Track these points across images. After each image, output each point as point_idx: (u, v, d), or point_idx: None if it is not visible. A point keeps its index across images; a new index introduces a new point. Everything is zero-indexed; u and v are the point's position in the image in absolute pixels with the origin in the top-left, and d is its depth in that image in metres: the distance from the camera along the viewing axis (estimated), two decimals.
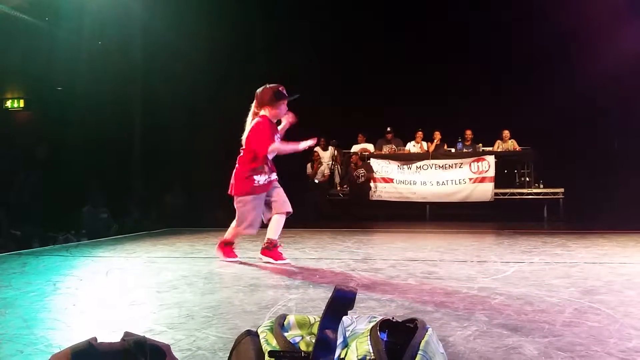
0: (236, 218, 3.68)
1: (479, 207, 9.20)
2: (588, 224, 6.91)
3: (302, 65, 9.96)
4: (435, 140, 10.19)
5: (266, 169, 3.64)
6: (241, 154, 3.70)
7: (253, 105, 3.71)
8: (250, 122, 3.68)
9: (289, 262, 3.61)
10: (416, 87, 10.55)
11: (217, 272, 3.24)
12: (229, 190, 3.70)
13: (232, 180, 3.69)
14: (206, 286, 2.76)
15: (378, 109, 10.65)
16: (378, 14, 10.90)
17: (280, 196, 3.69)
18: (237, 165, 3.70)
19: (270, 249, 3.64)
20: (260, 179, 3.61)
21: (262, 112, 3.65)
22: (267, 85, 3.66)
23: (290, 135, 3.84)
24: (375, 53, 10.91)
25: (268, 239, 3.66)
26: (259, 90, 3.67)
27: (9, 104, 11.53)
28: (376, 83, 10.65)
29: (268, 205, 3.69)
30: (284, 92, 3.66)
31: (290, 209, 3.70)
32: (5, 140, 9.32)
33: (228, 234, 3.78)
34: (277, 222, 3.66)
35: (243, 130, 3.73)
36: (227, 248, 3.82)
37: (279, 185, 3.74)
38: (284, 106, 3.67)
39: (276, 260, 3.61)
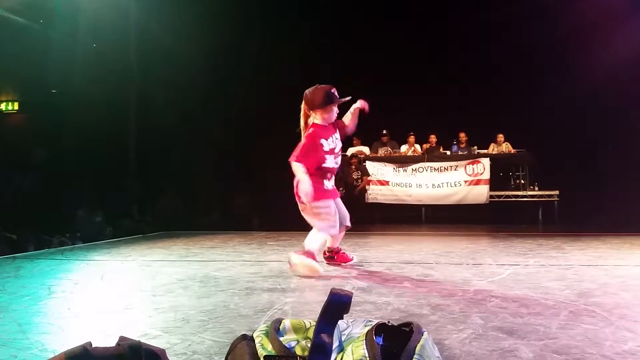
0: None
1: (475, 210, 9.22)
2: (583, 226, 6.93)
3: (300, 66, 9.96)
4: (429, 144, 10.22)
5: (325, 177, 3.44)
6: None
7: (303, 106, 3.47)
8: (304, 126, 3.48)
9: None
10: (411, 89, 10.57)
11: (212, 275, 3.23)
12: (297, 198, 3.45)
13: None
14: (202, 290, 2.75)
15: (373, 112, 10.66)
16: (375, 14, 10.91)
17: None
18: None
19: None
20: (328, 184, 3.46)
21: (312, 117, 3.45)
22: (319, 86, 3.42)
23: (286, 138, 3.79)
24: (371, 53, 10.92)
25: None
26: (308, 91, 3.43)
27: (2, 106, 11.50)
28: (371, 85, 10.67)
29: None
30: (336, 94, 3.43)
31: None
32: None
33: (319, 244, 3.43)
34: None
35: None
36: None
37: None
38: (335, 109, 3.47)
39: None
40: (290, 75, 9.79)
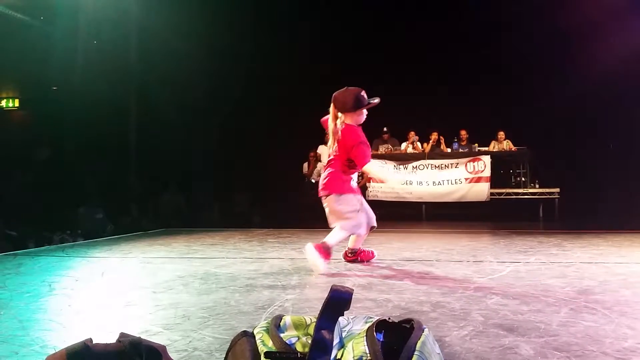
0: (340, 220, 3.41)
1: (475, 207, 9.22)
2: (584, 224, 6.92)
3: (300, 65, 9.95)
4: (431, 141, 10.20)
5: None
6: (333, 160, 3.46)
7: (331, 108, 3.44)
8: (334, 128, 3.42)
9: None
10: (411, 87, 10.56)
11: (213, 272, 3.23)
12: (322, 193, 3.45)
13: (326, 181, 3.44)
14: (202, 286, 2.75)
15: (374, 109, 10.66)
16: (375, 13, 10.89)
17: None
18: (330, 168, 3.47)
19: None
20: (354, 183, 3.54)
21: (341, 118, 3.43)
22: (348, 89, 3.43)
23: (285, 136, 3.78)
24: (372, 52, 10.91)
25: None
26: (339, 94, 3.42)
27: (3, 103, 11.51)
28: (372, 83, 10.66)
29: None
30: (366, 96, 3.44)
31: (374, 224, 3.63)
32: (0, 140, 9.29)
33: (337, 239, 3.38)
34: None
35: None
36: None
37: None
38: (365, 112, 3.49)
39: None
40: (290, 75, 9.80)
